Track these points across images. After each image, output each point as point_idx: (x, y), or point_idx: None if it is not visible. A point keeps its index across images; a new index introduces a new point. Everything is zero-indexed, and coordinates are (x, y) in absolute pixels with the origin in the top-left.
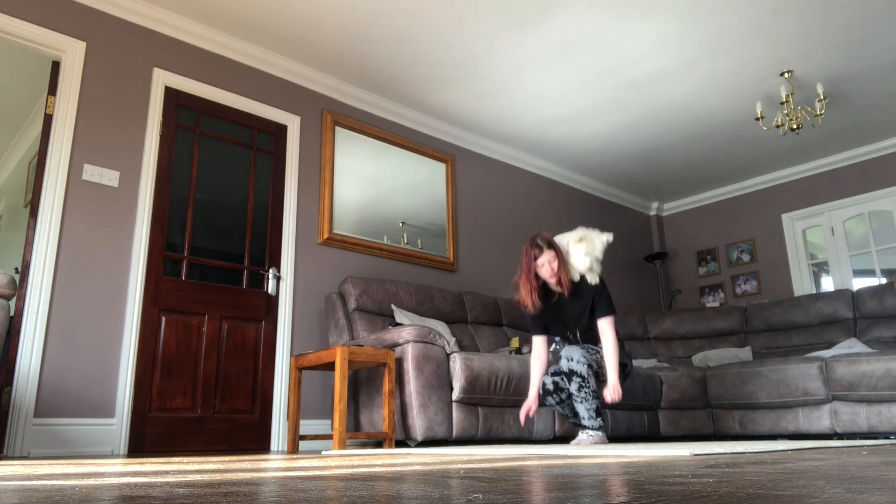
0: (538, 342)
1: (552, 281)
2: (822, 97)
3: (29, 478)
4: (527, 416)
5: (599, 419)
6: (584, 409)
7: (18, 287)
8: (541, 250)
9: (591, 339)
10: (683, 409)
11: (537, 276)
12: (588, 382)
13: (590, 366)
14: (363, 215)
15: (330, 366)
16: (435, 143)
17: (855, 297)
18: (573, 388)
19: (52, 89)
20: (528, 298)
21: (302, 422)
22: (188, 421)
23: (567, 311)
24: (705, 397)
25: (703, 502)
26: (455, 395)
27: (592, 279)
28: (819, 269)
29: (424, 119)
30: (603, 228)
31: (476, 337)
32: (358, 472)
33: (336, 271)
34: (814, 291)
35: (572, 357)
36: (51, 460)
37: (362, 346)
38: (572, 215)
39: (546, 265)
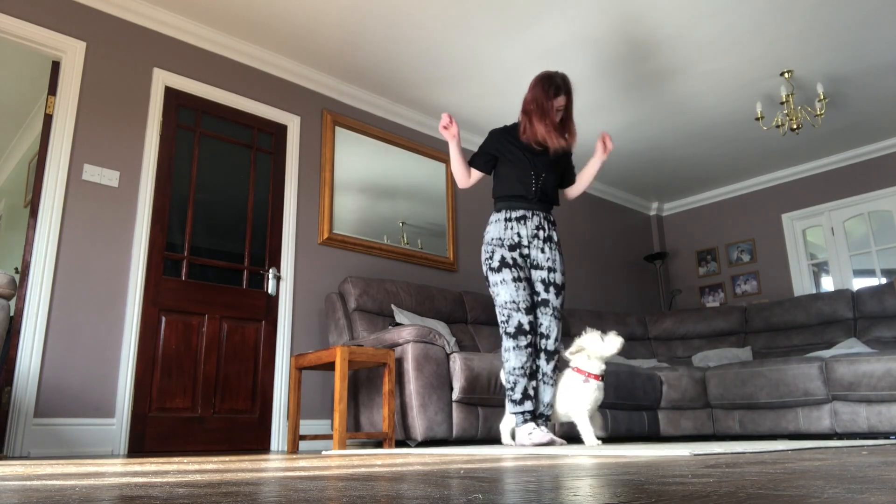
0: (474, 174)
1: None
2: (822, 97)
3: (29, 478)
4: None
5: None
6: (551, 395)
7: (18, 287)
8: (559, 91)
9: (549, 199)
10: (683, 409)
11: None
12: (560, 367)
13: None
14: (363, 215)
15: (330, 366)
16: (435, 143)
17: (855, 298)
18: (549, 367)
19: (52, 89)
20: (550, 135)
21: (302, 422)
22: (188, 421)
23: (538, 161)
24: (705, 397)
25: (703, 502)
26: (455, 395)
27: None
28: (819, 269)
29: (424, 119)
30: (603, 228)
31: (476, 337)
32: (358, 472)
33: (336, 271)
34: (814, 291)
35: (559, 338)
36: (51, 460)
37: (362, 346)
38: (573, 215)
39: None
